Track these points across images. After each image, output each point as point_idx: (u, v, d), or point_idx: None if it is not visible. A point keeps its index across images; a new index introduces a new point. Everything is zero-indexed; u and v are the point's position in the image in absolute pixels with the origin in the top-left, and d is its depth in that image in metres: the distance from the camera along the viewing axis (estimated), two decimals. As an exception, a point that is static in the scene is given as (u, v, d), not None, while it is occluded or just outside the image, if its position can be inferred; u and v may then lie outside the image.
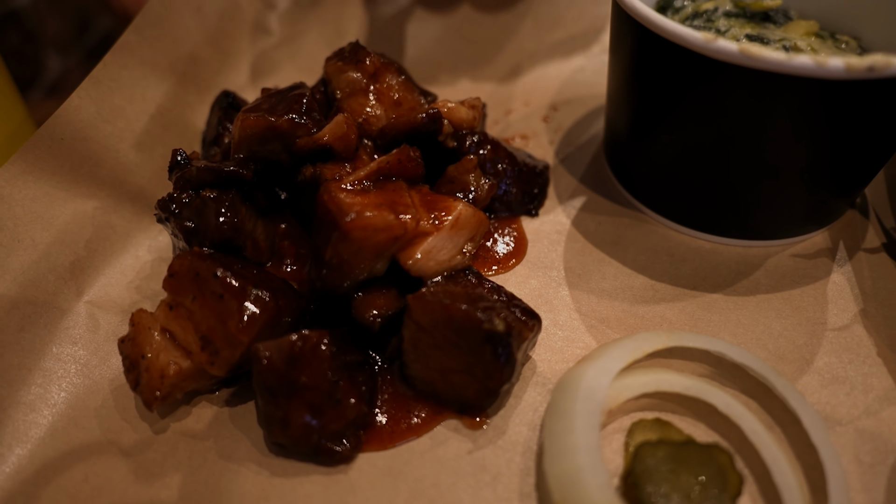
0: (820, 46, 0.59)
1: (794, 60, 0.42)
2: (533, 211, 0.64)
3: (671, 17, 0.63)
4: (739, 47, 0.44)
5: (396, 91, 0.62)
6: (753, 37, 0.59)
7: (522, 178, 0.64)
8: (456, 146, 0.61)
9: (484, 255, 0.60)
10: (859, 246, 0.59)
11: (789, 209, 0.56)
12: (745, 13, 0.63)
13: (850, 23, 0.62)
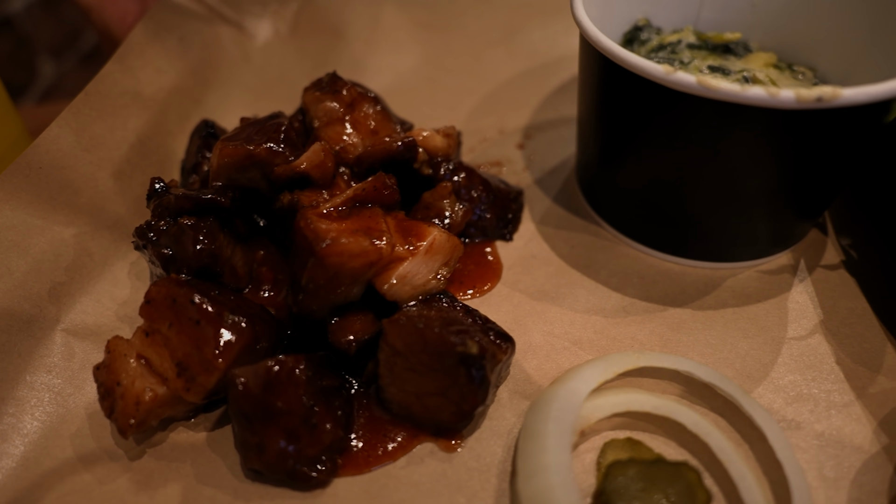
0: (777, 77, 0.62)
1: (748, 92, 0.44)
2: (507, 235, 0.66)
3: (637, 48, 0.66)
4: (697, 79, 0.46)
5: (373, 120, 0.64)
6: (715, 68, 0.61)
7: (497, 204, 0.65)
8: (431, 173, 0.63)
9: (459, 279, 0.62)
10: (821, 264, 0.61)
11: (753, 234, 0.58)
12: (707, 45, 0.66)
13: (806, 54, 0.66)
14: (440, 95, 0.83)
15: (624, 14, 0.67)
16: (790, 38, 0.66)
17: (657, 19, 0.68)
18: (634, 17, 0.67)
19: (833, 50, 0.63)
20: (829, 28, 0.63)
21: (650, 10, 0.68)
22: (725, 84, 0.45)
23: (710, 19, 0.69)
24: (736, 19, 0.68)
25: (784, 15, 0.65)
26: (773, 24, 0.66)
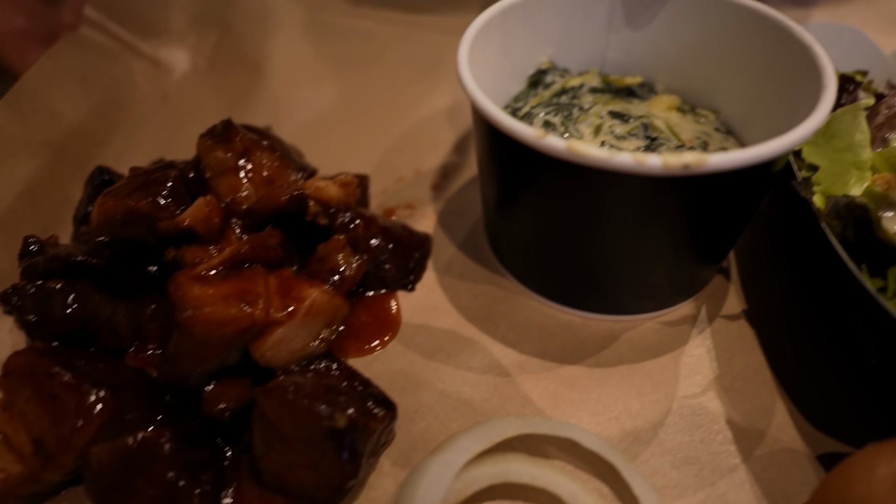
0: (679, 121, 0.62)
1: (616, 159, 0.43)
2: (409, 286, 0.64)
3: (541, 92, 0.65)
4: (567, 144, 0.44)
5: (268, 169, 0.62)
6: (615, 113, 0.60)
7: (398, 253, 0.64)
8: (328, 223, 0.61)
9: (355, 334, 0.60)
10: (722, 314, 0.61)
11: (650, 287, 0.57)
12: (611, 88, 0.65)
13: (710, 97, 0.65)
14: (358, 132, 0.82)
15: (529, 56, 0.66)
16: (693, 81, 0.65)
17: (563, 61, 0.68)
18: (539, 59, 0.66)
19: (734, 94, 0.62)
20: (729, 73, 0.62)
21: (555, 53, 0.67)
22: (594, 150, 0.44)
23: (616, 61, 0.68)
24: (641, 61, 0.67)
25: (686, 59, 0.65)
26: (677, 66, 0.66)
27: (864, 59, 0.71)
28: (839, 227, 0.51)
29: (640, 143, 0.57)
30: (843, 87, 0.62)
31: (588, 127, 0.59)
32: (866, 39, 0.70)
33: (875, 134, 0.58)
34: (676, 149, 0.57)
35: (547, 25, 0.63)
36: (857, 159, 0.54)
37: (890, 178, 0.53)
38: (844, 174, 0.55)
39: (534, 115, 0.60)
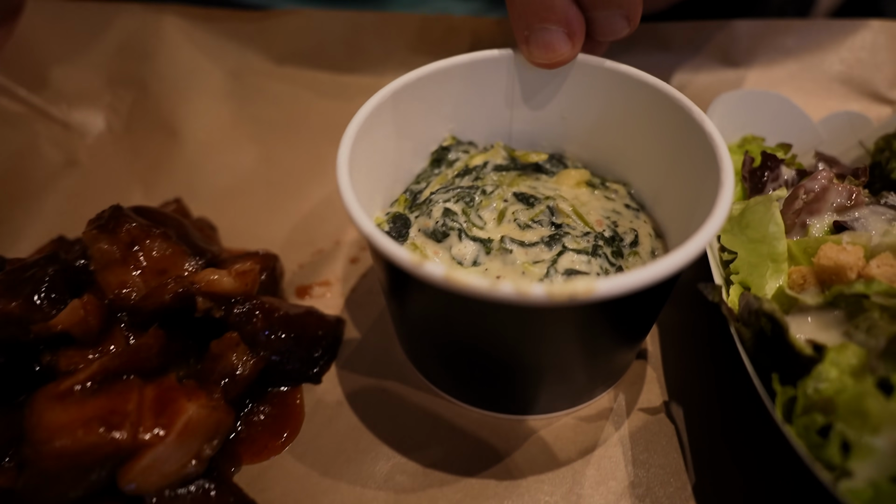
0: (588, 199, 0.59)
1: (498, 290, 0.39)
2: (315, 377, 0.60)
3: (445, 170, 0.62)
4: (444, 274, 0.40)
5: (160, 259, 0.58)
6: (521, 195, 0.57)
7: (303, 344, 0.60)
8: (224, 315, 0.57)
9: (250, 437, 0.56)
10: (641, 406, 0.57)
11: (561, 389, 0.54)
12: (517, 165, 0.63)
13: (619, 170, 0.63)
14: (278, 200, 0.78)
15: (430, 132, 0.62)
16: (602, 153, 0.63)
17: (467, 135, 0.64)
18: (441, 135, 0.63)
19: (642, 168, 0.60)
20: (635, 147, 0.60)
21: (457, 128, 0.63)
22: (474, 281, 0.40)
23: (523, 132, 0.65)
24: (547, 132, 0.64)
25: (593, 131, 0.62)
26: (584, 138, 0.63)
27: (793, 127, 0.68)
28: (749, 333, 0.48)
29: (545, 231, 0.54)
30: (765, 165, 0.60)
31: (492, 213, 0.56)
32: (794, 107, 0.68)
33: (794, 219, 0.55)
34: (583, 236, 0.54)
35: (445, 101, 0.60)
36: (773, 251, 0.52)
37: (806, 273, 0.51)
38: (760, 265, 0.52)
39: (433, 202, 0.57)
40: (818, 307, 0.47)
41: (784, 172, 0.59)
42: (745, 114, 0.68)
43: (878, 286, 0.45)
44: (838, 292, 0.46)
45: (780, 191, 0.53)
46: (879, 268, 0.47)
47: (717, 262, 0.56)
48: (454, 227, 0.54)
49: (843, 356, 0.44)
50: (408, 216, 0.58)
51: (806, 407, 0.44)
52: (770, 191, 0.59)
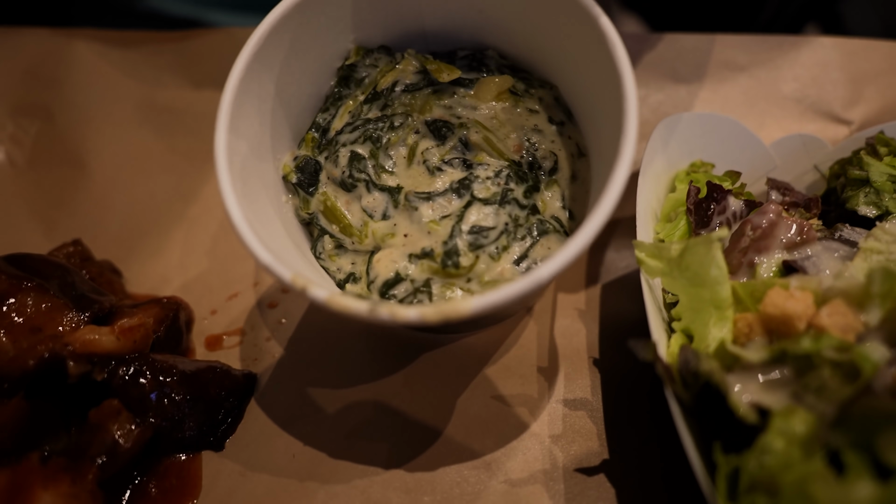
0: (510, 115, 0.56)
1: (377, 313, 0.40)
2: (217, 444, 0.54)
3: (354, 91, 0.58)
4: (326, 298, 0.41)
5: (33, 316, 0.51)
6: (432, 125, 0.55)
7: (202, 407, 0.53)
8: (106, 377, 0.51)
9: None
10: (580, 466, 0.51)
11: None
12: (431, 80, 0.57)
13: (546, 68, 0.57)
14: (196, 234, 0.71)
15: (334, 45, 0.56)
16: (526, 48, 0.57)
17: (375, 39, 0.58)
18: (346, 47, 0.57)
19: (569, 67, 0.54)
20: (560, 42, 0.53)
21: (363, 35, 0.57)
22: (353, 304, 0.40)
23: (438, 30, 0.58)
24: (465, 26, 0.57)
25: (515, 22, 0.55)
26: (506, 31, 0.56)
27: (744, 151, 0.63)
28: (689, 395, 0.42)
29: (455, 174, 0.53)
30: (711, 197, 0.54)
31: (401, 150, 0.55)
32: (745, 131, 0.63)
33: (740, 259, 0.50)
34: (495, 177, 0.53)
35: (343, 13, 0.54)
36: (716, 297, 0.46)
37: (752, 321, 0.45)
38: (703, 312, 0.47)
39: (340, 146, 0.55)
40: (763, 364, 0.42)
41: (732, 204, 0.54)
42: (694, 138, 0.62)
43: (828, 341, 0.40)
44: (784, 348, 0.41)
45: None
46: (830, 317, 0.42)
47: (658, 307, 0.50)
48: (361, 178, 0.54)
49: (790, 424, 0.38)
50: (317, 159, 0.56)
51: (749, 485, 0.38)
52: (717, 224, 0.53)
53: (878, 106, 0.70)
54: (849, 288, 0.43)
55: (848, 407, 0.37)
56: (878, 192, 0.53)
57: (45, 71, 0.79)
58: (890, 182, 0.53)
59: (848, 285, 0.43)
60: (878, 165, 0.54)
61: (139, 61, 0.80)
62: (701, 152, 0.63)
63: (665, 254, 0.48)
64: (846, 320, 0.42)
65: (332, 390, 0.57)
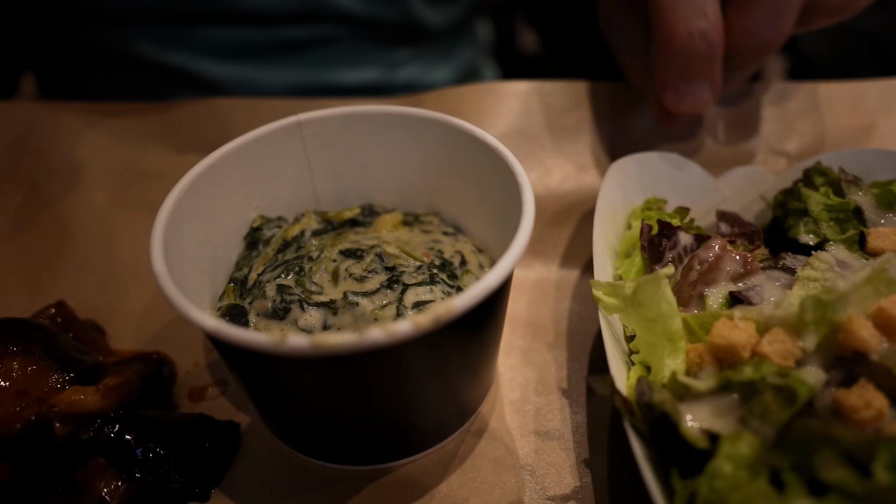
0: (409, 237, 0.62)
1: (367, 338, 0.40)
2: (203, 496, 0.55)
3: (264, 250, 0.61)
4: (311, 341, 0.40)
5: (19, 379, 0.53)
6: (347, 252, 0.58)
7: (185, 461, 0.55)
8: (92, 436, 0.52)
9: (123, 575, 0.51)
10: (549, 491, 0.54)
11: (425, 428, 0.55)
12: (333, 225, 0.63)
13: (427, 203, 0.66)
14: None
15: (237, 216, 0.62)
16: (407, 192, 0.66)
17: (275, 209, 0.64)
18: (249, 216, 0.62)
19: (449, 195, 0.64)
20: (437, 178, 0.63)
21: (262, 204, 0.63)
22: (342, 337, 0.40)
23: (328, 191, 0.66)
24: (352, 185, 0.66)
25: (394, 173, 0.65)
26: (387, 182, 0.65)
27: (694, 186, 0.67)
28: (645, 426, 0.45)
29: (381, 277, 0.56)
30: (662, 233, 0.58)
31: (325, 275, 0.57)
32: (693, 166, 0.67)
33: (690, 292, 0.53)
34: (417, 270, 0.56)
35: (244, 181, 0.60)
36: (668, 330, 0.49)
37: (703, 351, 0.48)
38: (658, 345, 0.50)
39: (264, 283, 0.56)
40: (712, 393, 0.45)
41: (682, 239, 0.57)
42: (646, 176, 0.67)
43: (768, 367, 0.43)
44: (728, 377, 0.44)
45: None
46: (771, 344, 0.45)
47: (616, 342, 0.53)
48: (294, 300, 0.54)
49: (737, 448, 0.41)
50: (241, 305, 0.56)
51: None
52: (669, 259, 0.57)
53: (811, 138, 0.75)
54: (787, 316, 0.46)
55: (786, 429, 0.40)
56: (816, 221, 0.57)
57: (31, 143, 0.82)
58: (826, 211, 0.57)
59: (786, 314, 0.46)
60: (815, 196, 0.57)
61: (124, 130, 0.84)
62: (654, 189, 0.66)
63: (620, 292, 0.52)
64: (785, 347, 0.45)
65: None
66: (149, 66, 0.99)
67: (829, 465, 0.38)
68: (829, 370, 0.45)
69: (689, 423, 0.43)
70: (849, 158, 0.62)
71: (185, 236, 0.55)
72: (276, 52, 1.01)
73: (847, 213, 0.56)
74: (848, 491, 0.36)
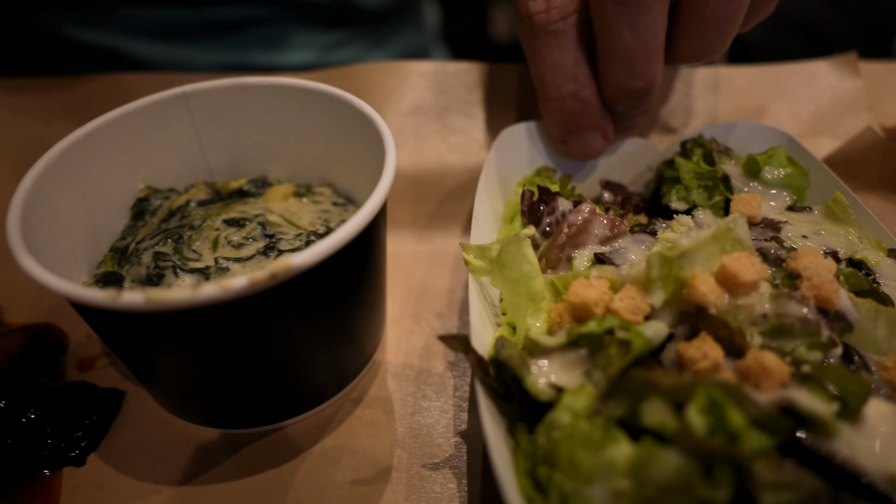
0: (297, 207, 0.62)
1: (201, 294, 0.40)
2: (78, 460, 0.55)
3: (150, 220, 0.61)
4: (145, 296, 0.40)
5: None
6: (231, 220, 0.59)
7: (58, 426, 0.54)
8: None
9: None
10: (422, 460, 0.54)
11: (298, 390, 0.55)
12: (221, 196, 0.64)
13: (320, 174, 0.66)
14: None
15: (122, 187, 0.61)
16: (300, 164, 0.66)
17: (165, 180, 0.64)
18: (136, 188, 0.62)
19: (339, 166, 0.64)
20: (327, 149, 0.64)
21: (150, 175, 0.63)
22: (175, 293, 0.40)
23: (222, 163, 0.66)
24: (246, 157, 0.67)
25: (286, 145, 0.65)
26: (281, 154, 0.66)
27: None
28: (500, 384, 0.46)
29: (259, 244, 0.56)
30: (542, 200, 0.59)
31: (206, 243, 0.56)
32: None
33: (559, 254, 0.54)
34: (296, 237, 0.57)
35: (127, 152, 0.60)
36: (530, 291, 0.50)
37: (563, 310, 0.49)
38: (521, 305, 0.51)
39: (142, 250, 0.56)
40: (561, 348, 0.46)
41: (561, 205, 0.59)
42: (539, 146, 0.68)
43: (610, 321, 0.44)
44: (575, 332, 0.45)
45: (528, 229, 0.52)
46: (622, 301, 0.46)
47: (490, 306, 0.54)
48: (167, 266, 0.54)
49: (577, 399, 0.42)
50: (118, 272, 0.56)
51: (542, 458, 0.42)
52: (546, 224, 0.58)
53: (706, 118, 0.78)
54: (637, 274, 0.47)
55: (619, 380, 0.42)
56: (687, 188, 0.58)
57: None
58: (696, 179, 0.58)
59: (637, 272, 0.47)
60: (687, 164, 0.59)
61: (30, 106, 0.83)
62: (545, 159, 0.68)
63: (487, 254, 0.52)
64: (635, 303, 0.46)
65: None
66: (73, 45, 0.96)
67: (652, 411, 0.39)
68: (676, 326, 0.46)
69: (539, 379, 0.44)
70: (727, 131, 0.64)
71: (59, 205, 0.54)
72: (206, 32, 0.99)
73: (715, 181, 0.58)
74: (663, 434, 0.38)
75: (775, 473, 0.33)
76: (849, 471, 0.36)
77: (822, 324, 0.44)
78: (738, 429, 0.36)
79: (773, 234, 0.53)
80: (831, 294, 0.45)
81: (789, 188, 0.58)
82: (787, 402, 0.38)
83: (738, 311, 0.45)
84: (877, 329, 0.47)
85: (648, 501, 0.36)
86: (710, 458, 0.35)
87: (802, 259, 0.48)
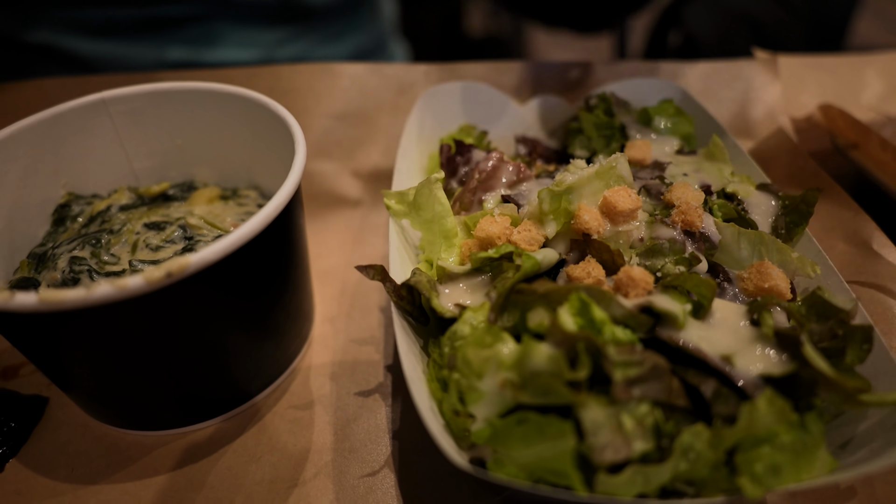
0: (222, 209, 0.63)
1: (95, 293, 0.41)
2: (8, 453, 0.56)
3: (71, 226, 0.61)
4: (38, 297, 0.41)
5: None
6: (151, 224, 0.59)
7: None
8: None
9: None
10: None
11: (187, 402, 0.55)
12: (145, 200, 0.65)
13: (246, 176, 0.68)
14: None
15: (41, 192, 0.61)
16: (226, 167, 0.67)
17: (88, 186, 0.64)
18: (57, 194, 0.62)
19: (262, 168, 0.66)
20: (251, 152, 0.65)
21: (72, 181, 0.63)
22: (69, 293, 0.41)
23: (147, 168, 0.67)
24: (172, 162, 0.67)
25: (211, 148, 0.66)
26: (206, 158, 0.67)
27: (501, 114, 0.75)
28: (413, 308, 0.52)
29: (178, 246, 0.57)
30: (459, 152, 0.65)
31: (125, 247, 0.57)
32: (500, 96, 0.74)
33: (471, 197, 0.60)
34: (216, 239, 0.57)
35: (43, 158, 0.59)
36: (443, 229, 0.56)
37: (472, 245, 0.56)
38: (436, 243, 0.57)
39: (58, 255, 0.56)
40: (467, 274, 0.52)
41: (476, 157, 0.65)
42: (460, 105, 0.73)
43: (506, 248, 0.51)
44: (476, 258, 0.51)
45: (438, 173, 0.58)
46: (520, 233, 0.53)
47: (412, 247, 0.60)
48: (83, 270, 0.54)
49: (476, 314, 0.49)
50: (34, 278, 0.56)
51: (446, 364, 0.48)
52: (463, 174, 0.64)
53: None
54: (533, 210, 0.54)
55: (510, 294, 0.48)
56: (588, 138, 0.65)
57: None
58: (596, 129, 0.65)
59: (532, 208, 0.54)
60: (588, 116, 0.66)
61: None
62: (467, 116, 0.74)
63: (405, 198, 0.58)
64: (531, 235, 0.53)
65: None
66: (9, 43, 0.96)
67: (534, 316, 0.46)
68: (568, 253, 0.53)
69: (448, 301, 0.51)
70: (628, 88, 0.71)
71: None
72: (149, 29, 0.99)
73: (613, 131, 0.65)
74: (540, 333, 0.44)
75: (625, 354, 0.40)
76: (693, 354, 0.43)
77: (688, 243, 0.51)
78: (599, 322, 0.43)
79: (659, 174, 0.60)
80: (695, 218, 0.52)
81: (677, 135, 0.65)
82: (647, 303, 0.45)
83: (618, 236, 0.52)
84: (740, 249, 0.54)
85: (528, 387, 0.42)
86: (576, 347, 0.42)
87: (675, 191, 0.55)
